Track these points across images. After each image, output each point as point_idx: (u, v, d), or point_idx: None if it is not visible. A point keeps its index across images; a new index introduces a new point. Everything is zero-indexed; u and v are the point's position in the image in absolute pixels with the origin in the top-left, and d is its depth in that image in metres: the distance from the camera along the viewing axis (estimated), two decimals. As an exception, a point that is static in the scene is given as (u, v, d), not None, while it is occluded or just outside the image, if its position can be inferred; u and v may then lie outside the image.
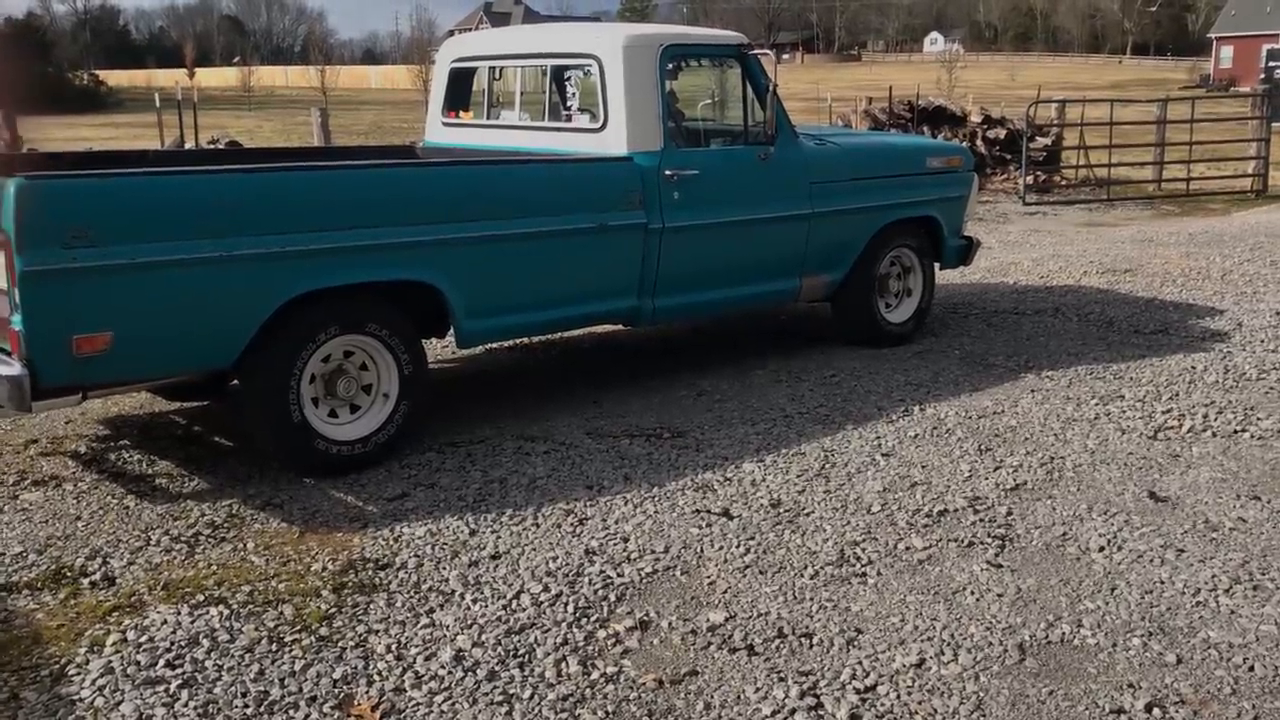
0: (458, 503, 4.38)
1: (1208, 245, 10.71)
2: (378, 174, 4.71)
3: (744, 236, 5.79)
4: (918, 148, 7.04)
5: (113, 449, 5.01)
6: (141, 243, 3.95)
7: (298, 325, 4.41)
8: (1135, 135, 17.45)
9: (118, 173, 4.10)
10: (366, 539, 4.07)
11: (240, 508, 4.35)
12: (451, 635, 3.38)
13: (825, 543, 3.97)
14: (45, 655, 3.29)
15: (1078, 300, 8.02)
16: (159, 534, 4.11)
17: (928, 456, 4.81)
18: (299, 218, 4.31)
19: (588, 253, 5.22)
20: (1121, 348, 6.66)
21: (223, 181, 4.25)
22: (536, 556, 3.90)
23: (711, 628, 3.40)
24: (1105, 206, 14.96)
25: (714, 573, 3.77)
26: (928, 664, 3.18)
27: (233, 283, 4.18)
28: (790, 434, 5.12)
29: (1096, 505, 4.27)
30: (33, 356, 3.84)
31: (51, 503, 4.41)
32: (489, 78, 6.28)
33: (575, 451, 4.91)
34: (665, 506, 4.31)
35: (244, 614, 3.51)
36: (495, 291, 4.95)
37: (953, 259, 7.06)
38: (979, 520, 4.14)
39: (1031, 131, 16.35)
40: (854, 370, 6.17)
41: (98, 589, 3.70)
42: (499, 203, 4.89)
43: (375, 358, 4.71)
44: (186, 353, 4.24)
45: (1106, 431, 5.11)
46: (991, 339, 6.90)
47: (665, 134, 5.47)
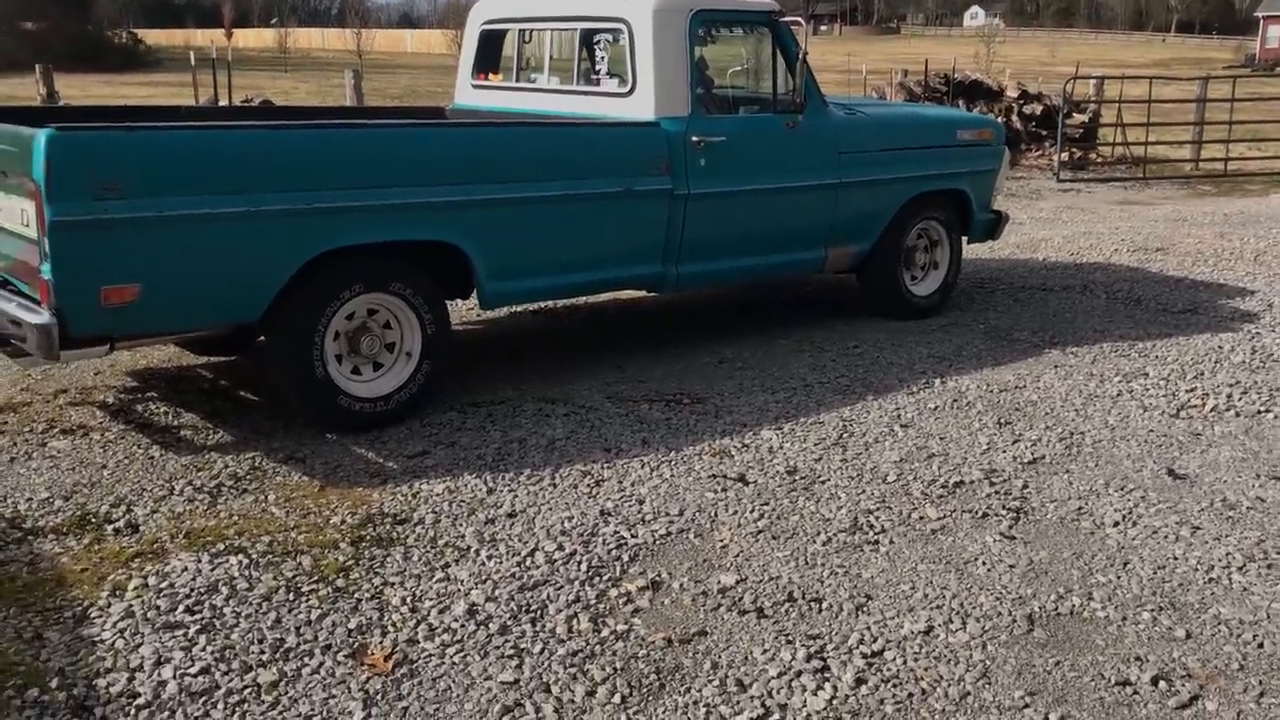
0: (477, 461, 4.42)
1: (1242, 226, 10.58)
2: (405, 133, 4.74)
3: (770, 205, 5.78)
4: (948, 120, 6.98)
5: (140, 400, 5.09)
6: (171, 196, 4.00)
7: (323, 282, 4.45)
8: (1174, 114, 17.20)
9: (148, 126, 4.14)
10: (386, 494, 4.12)
11: (263, 460, 4.42)
12: (465, 590, 3.43)
13: (839, 510, 3.99)
14: (68, 598, 3.36)
15: (1107, 278, 7.95)
16: (182, 484, 4.17)
17: (946, 429, 4.81)
18: (326, 175, 4.34)
19: (612, 217, 5.23)
20: (1148, 326, 6.61)
21: (252, 137, 4.29)
22: (552, 516, 3.94)
23: (722, 590, 3.43)
24: (1141, 185, 14.78)
25: (727, 536, 3.79)
26: (936, 631, 3.20)
27: (259, 238, 4.22)
28: (810, 403, 5.12)
29: (1114, 481, 4.26)
30: (61, 306, 3.90)
31: (79, 451, 4.49)
32: (518, 40, 6.27)
33: (595, 414, 4.95)
34: (681, 470, 4.33)
35: (263, 563, 3.57)
36: (519, 254, 4.97)
37: (980, 233, 7.02)
38: (994, 492, 4.14)
39: (1068, 108, 16.16)
40: (877, 342, 6.16)
41: (121, 535, 3.77)
42: (524, 165, 4.91)
43: (399, 316, 4.75)
44: (212, 306, 4.29)
45: (1128, 408, 5.09)
46: (1018, 314, 6.86)
47: (694, 100, 5.45)
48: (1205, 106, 16.70)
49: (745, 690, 2.93)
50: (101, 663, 3.03)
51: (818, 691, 2.91)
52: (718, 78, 5.93)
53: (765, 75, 5.86)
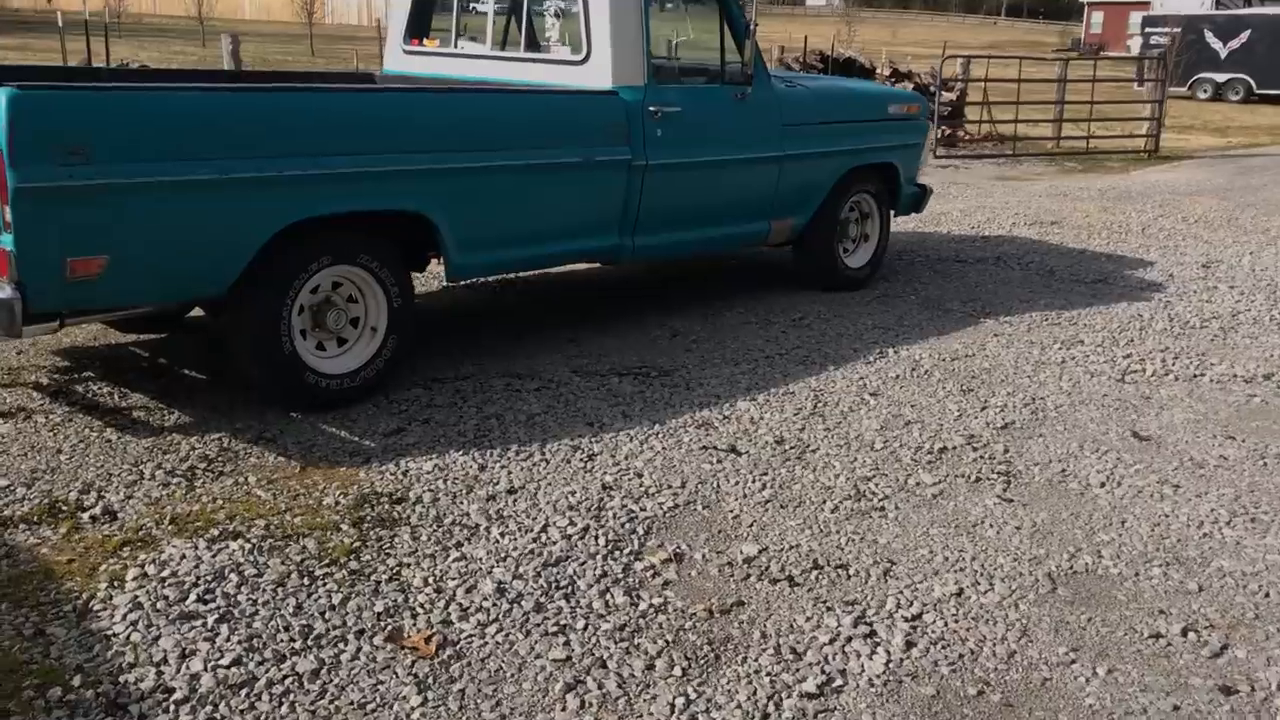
0: (458, 438, 4.30)
1: (1119, 201, 11.09)
2: (383, 98, 4.56)
3: (721, 177, 5.78)
4: (880, 94, 7.10)
5: (77, 381, 4.78)
6: (141, 162, 3.75)
7: (291, 254, 4.25)
8: (1028, 94, 17.78)
9: (119, 86, 3.87)
10: (373, 474, 3.98)
11: (231, 441, 4.21)
12: (487, 568, 3.34)
13: (837, 478, 4.03)
14: (62, 590, 3.14)
15: (1015, 250, 8.24)
16: (151, 467, 3.94)
17: (914, 397, 4.91)
18: (302, 141, 4.14)
19: (575, 188, 5.15)
20: (1068, 295, 6.87)
21: (228, 100, 4.05)
22: (554, 491, 3.87)
23: (747, 560, 3.43)
24: (1012, 161, 15.35)
25: (735, 507, 3.79)
26: (966, 593, 3.27)
27: (232, 207, 4.00)
28: (775, 374, 5.15)
29: (1086, 444, 4.42)
30: (24, 279, 3.63)
31: (25, 435, 4.19)
32: (457, 5, 6.10)
33: (566, 389, 4.87)
34: (671, 443, 4.31)
35: (265, 548, 3.41)
36: (485, 225, 4.84)
37: (907, 205, 7.17)
38: (979, 457, 4.25)
39: (939, 86, 16.65)
40: (819, 313, 6.24)
41: (100, 523, 3.54)
42: (494, 133, 4.78)
43: (364, 290, 4.58)
44: (180, 280, 4.06)
45: (1076, 374, 5.28)
46: (943, 285, 7.05)
47: (649, 69, 5.40)
48: (1065, 87, 17.43)
49: (801, 658, 2.93)
50: (121, 658, 2.84)
51: (873, 656, 2.94)
52: (667, 48, 5.89)
53: (712, 47, 5.83)
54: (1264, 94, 30.30)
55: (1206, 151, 17.38)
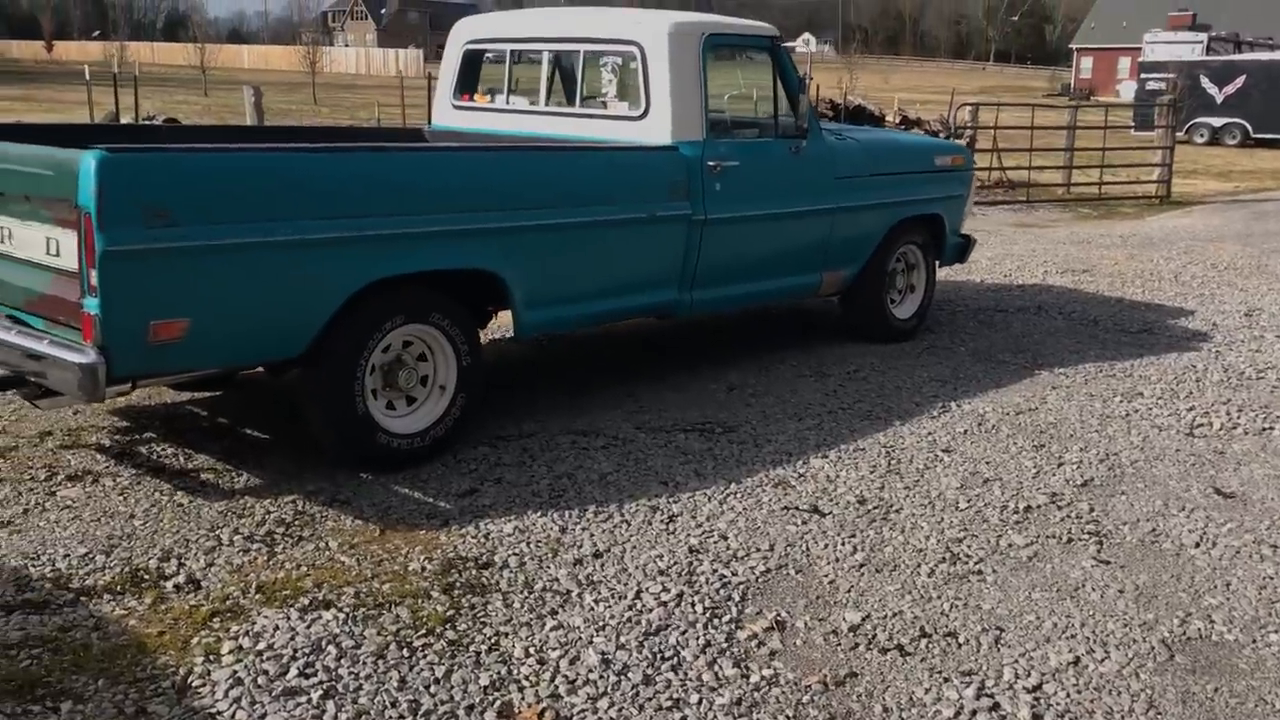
0: (533, 499, 4.23)
1: (1143, 248, 11.10)
2: (458, 157, 4.53)
3: (777, 229, 5.75)
4: (927, 146, 7.10)
5: (140, 442, 4.71)
6: (226, 223, 3.71)
7: (368, 313, 4.20)
8: (1026, 139, 17.78)
9: (205, 148, 3.83)
10: (454, 537, 3.90)
11: (305, 504, 4.13)
12: (587, 638, 3.26)
13: (928, 539, 3.96)
14: (158, 665, 3.05)
15: (1053, 299, 8.21)
16: (228, 532, 3.87)
17: (987, 453, 4.85)
18: (380, 201, 4.10)
19: (637, 243, 5.11)
20: (1116, 346, 6.83)
21: (309, 161, 4.01)
22: (640, 555, 3.79)
23: (852, 628, 3.35)
24: (1026, 208, 15.40)
25: (830, 571, 3.72)
26: (1084, 662, 3.19)
27: (313, 268, 3.96)
28: (842, 429, 5.10)
29: (1171, 501, 4.36)
30: (108, 343, 3.57)
31: (95, 500, 4.11)
32: (509, 61, 6.09)
33: (634, 446, 4.81)
34: (751, 503, 4.24)
35: (359, 618, 3.33)
36: (552, 281, 4.80)
37: (952, 256, 7.16)
38: (1066, 516, 4.18)
39: (948, 133, 16.73)
40: (873, 365, 6.19)
41: (185, 593, 3.46)
42: (560, 190, 4.75)
43: (434, 348, 4.52)
44: (258, 342, 4.00)
45: (1144, 429, 5.23)
46: (990, 336, 7.01)
47: (706, 124, 5.39)
48: (1075, 133, 17.54)
49: (928, 733, 2.85)
50: (231, 738, 2.76)
51: (1002, 730, 2.86)
52: (722, 102, 5.88)
53: (766, 100, 5.83)
54: (1260, 138, 30.55)
55: (1215, 196, 17.46)
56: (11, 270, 3.97)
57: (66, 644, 3.12)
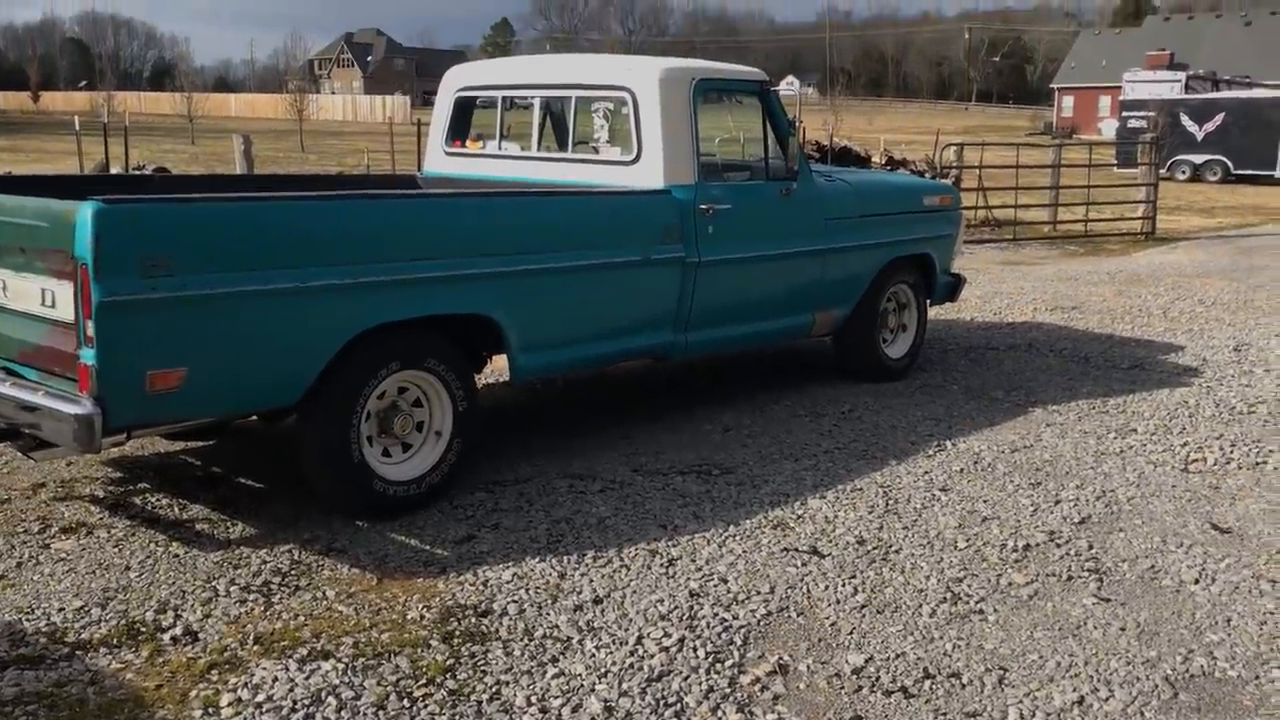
0: (531, 545, 4.22)
1: (1131, 284, 11.17)
2: (455, 203, 4.55)
3: (769, 271, 5.78)
4: (916, 186, 7.16)
5: (134, 493, 4.68)
6: (222, 273, 3.71)
7: (363, 360, 4.20)
8: (1011, 178, 17.90)
9: (200, 198, 3.84)
10: (452, 584, 3.88)
11: (301, 553, 4.11)
12: (589, 685, 3.24)
13: (928, 580, 3.95)
14: (156, 719, 3.02)
15: (1044, 336, 8.25)
16: (225, 583, 3.84)
17: (984, 491, 4.85)
18: (374, 248, 4.12)
19: (632, 286, 5.13)
20: (1108, 383, 6.86)
21: (305, 209, 4.03)
22: (641, 600, 3.78)
23: (855, 670, 3.34)
24: (1013, 246, 15.50)
25: (830, 613, 3.70)
26: (1088, 701, 3.18)
27: (309, 316, 3.96)
28: (838, 470, 5.09)
29: (1168, 537, 4.36)
30: (105, 394, 3.56)
31: (90, 552, 4.08)
32: (500, 107, 6.13)
33: (631, 489, 4.80)
34: (750, 545, 4.22)
35: (359, 668, 3.30)
36: (548, 325, 4.82)
37: (943, 295, 7.19)
38: (1065, 554, 4.18)
39: (934, 173, 16.88)
40: (867, 405, 6.21)
41: (182, 645, 3.43)
42: (554, 235, 4.77)
43: (429, 394, 4.52)
44: (255, 390, 3.99)
45: (1139, 465, 5.24)
46: (983, 374, 7.03)
47: (698, 167, 5.42)
48: (1060, 171, 17.70)
49: (935, 776, 2.83)
50: (232, 793, 2.72)
51: (1009, 772, 2.84)
52: (713, 146, 5.93)
53: (757, 143, 5.88)
54: (1240, 174, 30.84)
55: (1200, 233, 17.60)
56: (6, 322, 3.96)
57: (63, 699, 3.09)
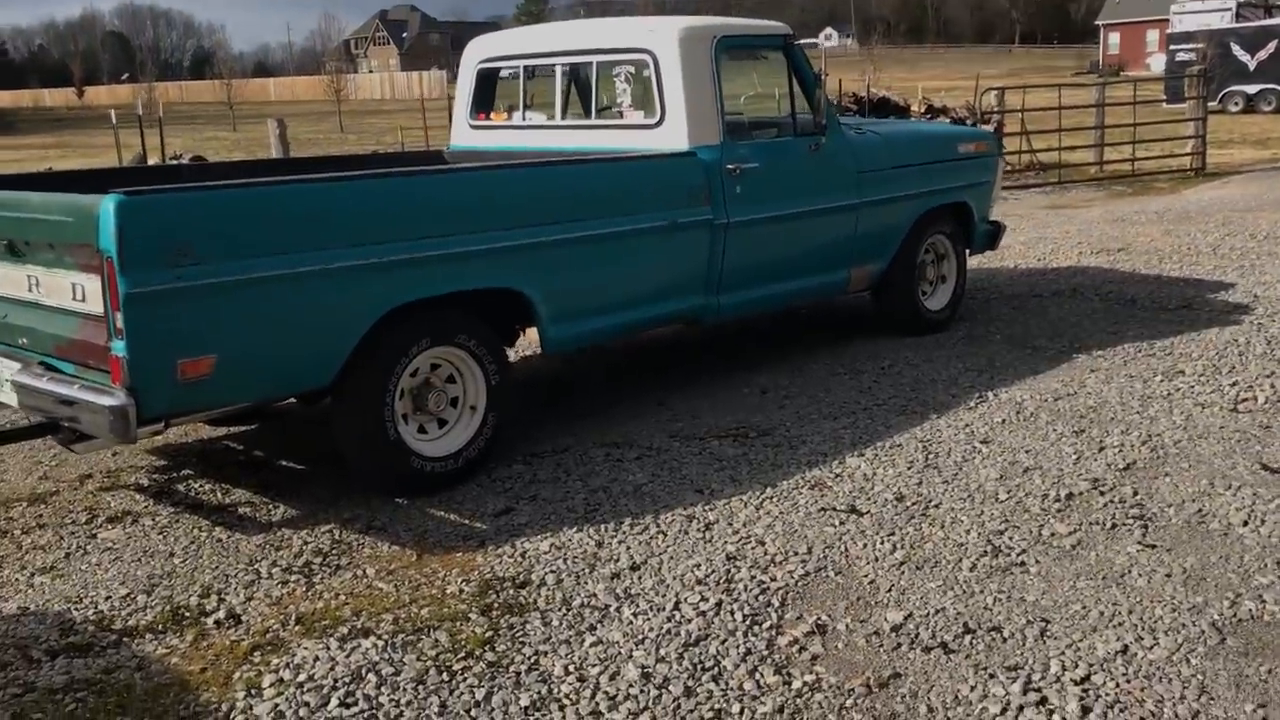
0: (569, 514, 4.22)
1: (1180, 222, 10.93)
2: (474, 177, 4.53)
3: (801, 229, 5.71)
4: (950, 134, 7.04)
5: (177, 480, 4.75)
6: (246, 258, 3.73)
7: (393, 339, 4.22)
8: (1064, 120, 17.58)
9: (222, 185, 3.85)
10: (490, 557, 3.89)
11: (341, 533, 4.14)
12: (627, 652, 3.24)
13: (968, 534, 3.90)
14: (201, 702, 3.07)
15: (1089, 280, 8.10)
16: (267, 565, 3.89)
17: (1026, 441, 4.78)
18: (399, 226, 4.12)
19: (660, 252, 5.09)
20: (1155, 324, 6.72)
21: (325, 190, 4.03)
22: (678, 565, 3.77)
23: (894, 628, 3.31)
24: (1059, 189, 15.21)
25: (869, 571, 3.67)
26: (1132, 650, 3.12)
27: (335, 297, 3.98)
28: (877, 426, 5.04)
29: (1216, 480, 4.27)
30: (137, 384, 3.60)
31: (135, 540, 4.15)
32: (523, 77, 6.10)
33: (667, 455, 4.78)
34: (787, 507, 4.20)
35: (398, 644, 3.32)
36: (576, 295, 4.80)
37: (982, 243, 7.08)
38: (1109, 502, 4.11)
39: (975, 120, 16.59)
40: (907, 359, 6.13)
41: (225, 628, 3.48)
42: (578, 203, 4.75)
43: (462, 370, 4.53)
44: (286, 374, 4.02)
45: (1186, 407, 5.13)
46: (1026, 322, 6.92)
47: (723, 127, 5.36)
48: (1104, 111, 17.31)
49: (975, 732, 2.80)
50: (275, 772, 2.76)
51: (1051, 725, 2.81)
52: (735, 104, 5.85)
53: (783, 99, 5.80)
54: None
55: (1253, 165, 17.17)
56: (41, 317, 4.02)
57: (111, 686, 3.15)
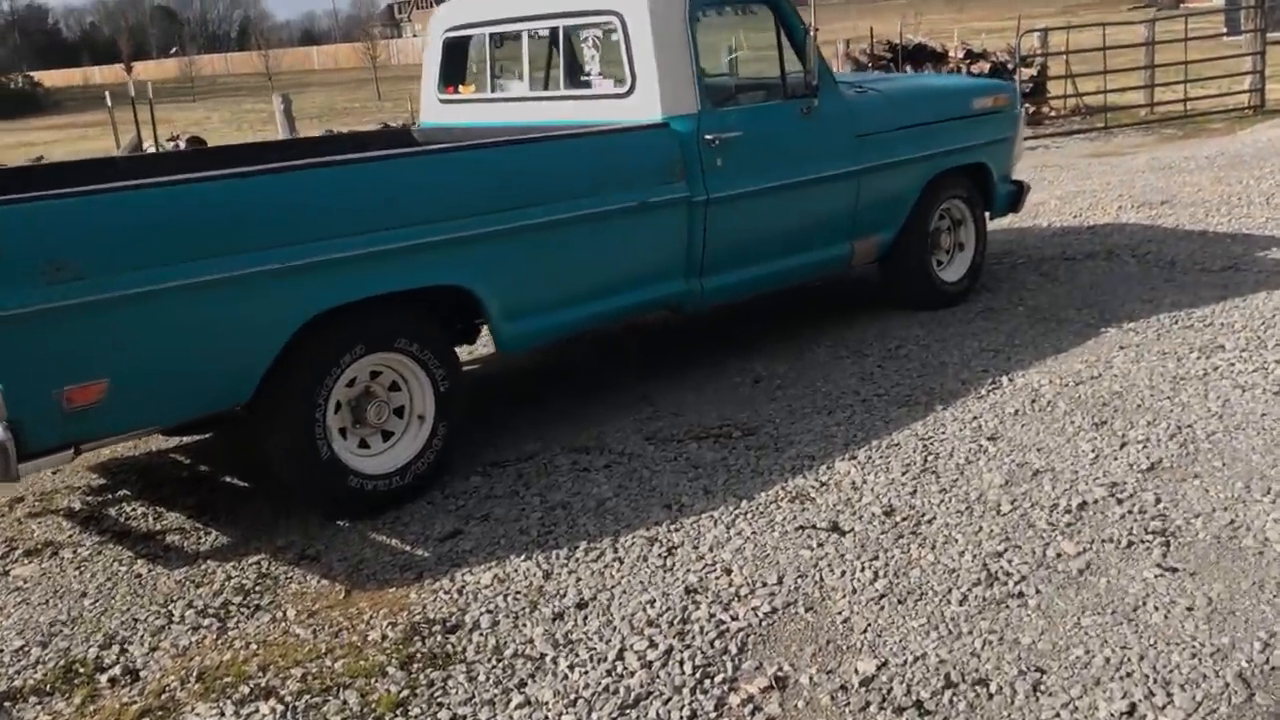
0: (520, 537, 3.81)
1: (1232, 168, 10.20)
2: (396, 165, 4.08)
3: (793, 201, 5.21)
4: (963, 88, 6.45)
5: (112, 502, 4.40)
6: (135, 270, 3.32)
7: (318, 348, 3.81)
8: (1113, 60, 16.73)
9: (102, 189, 3.43)
10: (425, 594, 3.49)
11: (271, 564, 3.76)
12: (555, 714, 2.83)
13: (962, 556, 3.42)
14: (68, 786, 2.70)
15: (1126, 239, 7.49)
16: (182, 606, 3.52)
17: (1039, 437, 4.27)
18: (315, 224, 3.69)
19: (629, 235, 4.63)
20: (1195, 289, 6.14)
21: (225, 189, 3.60)
22: (630, 601, 3.34)
23: (865, 681, 2.86)
24: (1105, 135, 14.44)
25: (844, 606, 3.22)
26: (1140, 710, 2.65)
27: (244, 306, 3.56)
28: (875, 421, 4.56)
29: (1254, 482, 3.74)
30: (16, 417, 3.22)
31: (50, 577, 3.80)
32: (489, 46, 5.63)
33: (639, 462, 4.35)
34: (762, 525, 3.75)
35: (301, 708, 2.93)
36: (532, 288, 4.36)
37: (1004, 206, 6.52)
38: (1128, 513, 3.60)
39: (1016, 63, 15.80)
40: (918, 338, 5.62)
41: (120, 686, 3.11)
42: (533, 186, 4.29)
43: (406, 376, 4.12)
44: (195, 393, 3.63)
45: (1224, 390, 4.59)
46: (1053, 290, 6.36)
47: (701, 94, 4.86)
48: (1154, 49, 16.41)
49: (944, 825, 2.35)
50: None
51: (1034, 817, 2.35)
52: (714, 65, 5.35)
53: (770, 58, 5.27)
54: (1368, 30, 28.53)
55: (1316, 100, 16.19)
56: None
57: (-29, 767, 2.80)
